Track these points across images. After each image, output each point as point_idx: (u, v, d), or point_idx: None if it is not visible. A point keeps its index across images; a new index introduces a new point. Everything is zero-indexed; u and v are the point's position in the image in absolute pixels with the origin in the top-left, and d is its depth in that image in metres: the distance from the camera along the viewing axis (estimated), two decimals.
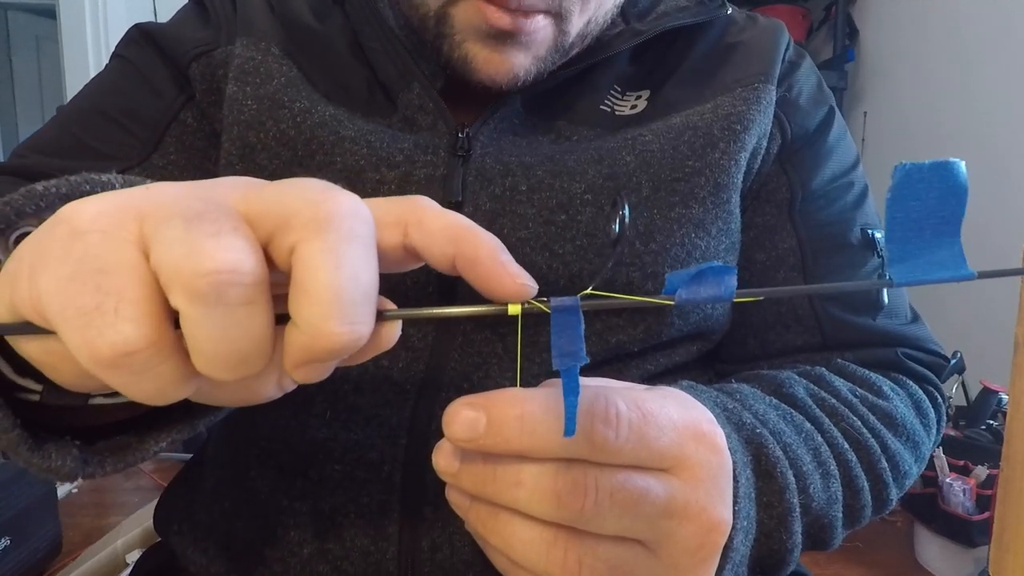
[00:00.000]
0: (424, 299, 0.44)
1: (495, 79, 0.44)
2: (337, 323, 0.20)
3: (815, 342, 0.48)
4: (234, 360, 0.21)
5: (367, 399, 0.43)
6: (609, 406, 0.26)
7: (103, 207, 0.21)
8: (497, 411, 0.26)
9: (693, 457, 0.28)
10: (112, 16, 2.16)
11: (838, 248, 0.49)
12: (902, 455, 0.43)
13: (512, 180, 0.44)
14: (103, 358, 0.20)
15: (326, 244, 0.20)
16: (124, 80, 0.51)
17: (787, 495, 0.35)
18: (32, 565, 1.36)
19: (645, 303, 0.24)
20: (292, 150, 0.45)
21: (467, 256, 0.24)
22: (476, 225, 0.24)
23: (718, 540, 0.29)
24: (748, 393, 0.40)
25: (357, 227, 0.21)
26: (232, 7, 0.51)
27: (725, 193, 0.46)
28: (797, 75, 0.51)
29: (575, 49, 0.47)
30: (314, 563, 0.42)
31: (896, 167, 0.22)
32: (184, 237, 0.20)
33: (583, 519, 0.26)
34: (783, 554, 0.36)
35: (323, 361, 0.22)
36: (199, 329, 0.20)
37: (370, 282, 0.21)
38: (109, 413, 0.30)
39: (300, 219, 0.21)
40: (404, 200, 0.25)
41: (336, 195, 0.22)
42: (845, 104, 2.17)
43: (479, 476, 0.27)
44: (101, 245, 0.20)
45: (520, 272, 0.24)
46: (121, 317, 0.20)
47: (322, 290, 0.20)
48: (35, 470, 0.27)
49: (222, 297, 0.19)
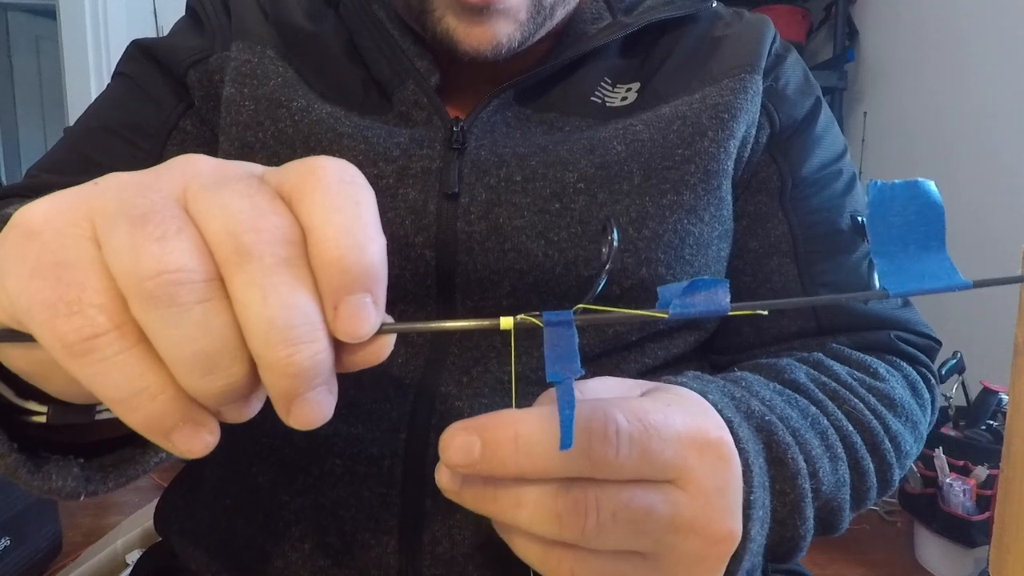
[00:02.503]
0: (423, 291, 0.44)
1: (479, 49, 0.45)
2: (281, 348, 0.21)
3: (810, 327, 0.49)
4: (203, 362, 0.21)
5: (367, 394, 0.44)
6: (608, 422, 0.25)
7: (53, 207, 0.21)
8: (491, 435, 0.25)
9: (698, 468, 0.27)
10: (112, 16, 2.16)
11: (829, 234, 0.50)
12: (903, 435, 0.43)
13: (507, 171, 0.45)
14: (71, 345, 0.20)
15: (250, 278, 0.20)
16: (126, 96, 0.52)
17: (799, 480, 0.35)
18: (32, 565, 1.36)
19: (639, 316, 0.23)
20: (291, 148, 0.46)
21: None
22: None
23: (724, 551, 0.28)
24: (753, 380, 0.40)
25: (279, 250, 0.21)
26: (226, 14, 0.52)
27: (715, 180, 0.47)
28: (783, 67, 0.52)
29: (559, 9, 0.48)
30: (315, 557, 0.42)
31: (869, 184, 0.23)
32: (130, 242, 0.20)
33: (586, 538, 0.26)
34: (796, 540, 0.36)
35: (302, 393, 0.22)
36: (160, 335, 0.20)
37: (305, 301, 0.21)
38: (117, 427, 0.30)
39: (223, 253, 0.21)
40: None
41: (258, 222, 0.21)
42: (845, 104, 2.17)
43: (480, 497, 0.26)
44: (56, 241, 0.21)
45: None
46: (84, 303, 0.20)
47: (256, 324, 0.20)
48: (36, 492, 0.27)
49: (174, 298, 0.20)
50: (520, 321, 0.23)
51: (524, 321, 0.23)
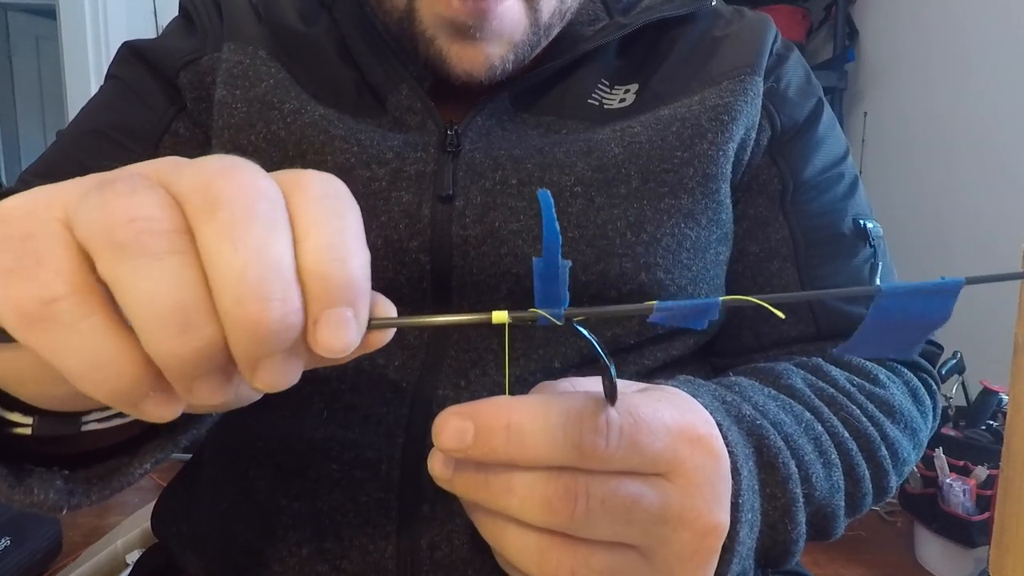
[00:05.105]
0: (418, 295, 0.44)
1: (471, 73, 0.44)
2: (252, 303, 0.19)
3: (810, 332, 0.49)
4: (175, 318, 0.19)
5: (364, 398, 0.43)
6: (599, 413, 0.26)
7: (27, 197, 0.21)
8: (484, 421, 0.25)
9: (688, 461, 0.28)
10: (112, 16, 2.16)
11: (830, 238, 0.49)
12: (901, 443, 0.43)
13: (502, 174, 0.44)
14: (27, 312, 0.19)
15: (220, 227, 0.20)
16: (118, 99, 0.51)
17: (790, 485, 0.35)
18: (32, 565, 1.36)
19: (627, 311, 0.24)
20: (283, 151, 0.45)
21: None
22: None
23: (714, 544, 0.29)
24: (747, 385, 0.40)
25: (253, 203, 0.20)
26: (218, 15, 0.52)
27: (714, 183, 0.46)
28: (785, 67, 0.51)
29: (555, 27, 0.47)
30: (313, 562, 0.42)
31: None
32: (99, 199, 0.20)
33: (575, 526, 0.26)
34: (788, 544, 0.36)
35: (268, 354, 0.21)
36: (130, 289, 0.19)
37: (278, 255, 0.20)
38: (103, 438, 0.29)
39: (191, 205, 0.20)
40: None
41: (230, 172, 0.20)
42: (845, 104, 2.17)
43: (472, 483, 0.27)
44: (25, 219, 0.20)
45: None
46: (43, 268, 0.19)
47: (224, 276, 0.19)
48: (18, 505, 0.27)
49: (145, 247, 0.19)
50: (513, 319, 0.23)
51: (517, 319, 0.23)
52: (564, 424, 0.25)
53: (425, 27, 0.44)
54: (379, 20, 0.49)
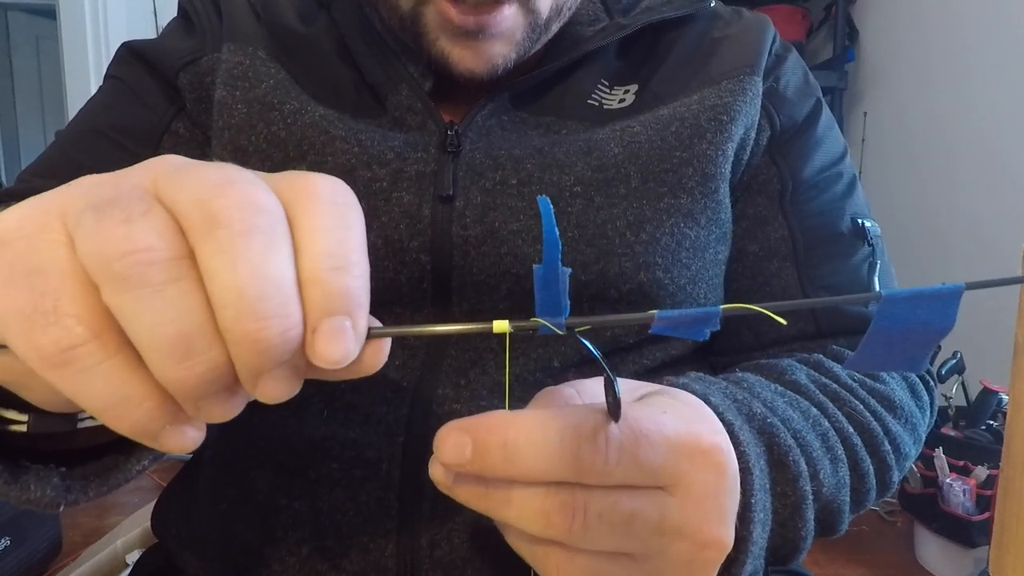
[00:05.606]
0: (418, 295, 0.44)
1: (474, 71, 0.45)
2: (250, 322, 0.20)
3: (809, 331, 0.49)
4: (178, 346, 0.20)
5: (364, 397, 0.43)
6: (599, 429, 0.25)
7: (24, 213, 0.21)
8: (482, 438, 0.25)
9: (689, 475, 0.27)
10: (112, 16, 2.16)
11: (829, 237, 0.50)
12: (902, 437, 0.43)
13: (502, 174, 0.44)
14: (49, 356, 0.20)
15: (218, 245, 0.20)
16: (117, 99, 0.51)
17: (800, 483, 0.35)
18: (32, 565, 1.36)
19: (628, 320, 0.24)
20: (283, 151, 0.45)
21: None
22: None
23: (712, 557, 0.28)
24: (755, 382, 0.40)
25: (251, 218, 0.20)
26: (217, 15, 0.52)
27: (713, 183, 0.46)
28: (784, 68, 0.52)
29: (555, 24, 0.47)
30: (313, 562, 0.42)
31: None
32: (96, 228, 0.20)
33: (572, 539, 0.26)
34: (797, 542, 0.36)
35: (270, 368, 0.21)
36: (133, 321, 0.20)
37: (277, 270, 0.20)
38: (99, 435, 0.29)
39: (190, 224, 0.20)
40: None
41: (228, 188, 0.20)
42: (845, 104, 2.17)
43: (472, 493, 0.27)
44: (29, 248, 0.20)
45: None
46: (61, 313, 0.20)
47: (224, 294, 0.20)
48: (14, 502, 0.27)
49: (144, 278, 0.19)
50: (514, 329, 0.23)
51: (518, 328, 0.23)
52: (562, 442, 0.25)
53: (429, 30, 0.44)
54: (379, 19, 0.49)
